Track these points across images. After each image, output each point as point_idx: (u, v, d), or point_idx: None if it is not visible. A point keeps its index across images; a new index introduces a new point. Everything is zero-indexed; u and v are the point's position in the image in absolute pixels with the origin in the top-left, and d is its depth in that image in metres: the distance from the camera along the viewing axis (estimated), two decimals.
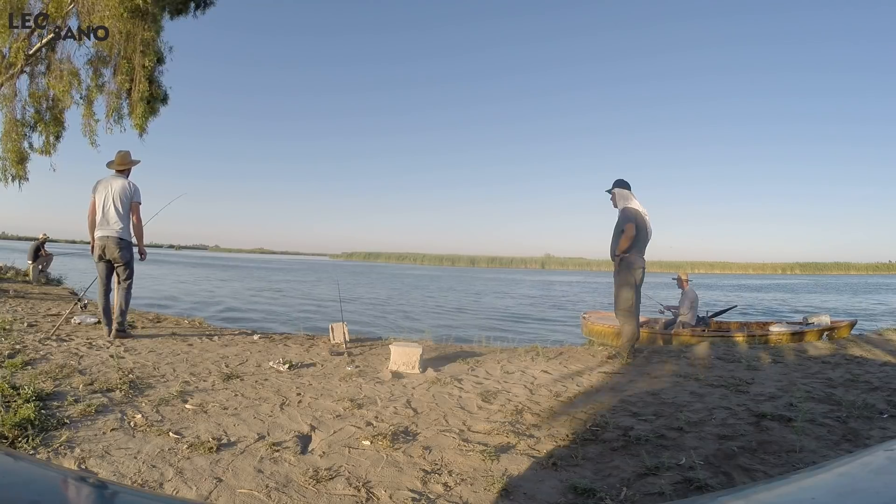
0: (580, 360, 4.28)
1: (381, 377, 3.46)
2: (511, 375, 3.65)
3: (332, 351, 4.34)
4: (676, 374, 3.62)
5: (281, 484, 1.80)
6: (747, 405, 2.73)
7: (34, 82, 9.89)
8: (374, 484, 1.83)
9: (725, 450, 2.10)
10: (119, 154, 4.61)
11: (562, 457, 2.08)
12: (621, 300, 4.26)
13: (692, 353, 4.47)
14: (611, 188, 4.44)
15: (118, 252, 4.38)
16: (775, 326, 6.91)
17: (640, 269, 4.23)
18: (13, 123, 10.06)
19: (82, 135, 9.83)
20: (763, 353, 4.43)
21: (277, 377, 3.35)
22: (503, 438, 2.32)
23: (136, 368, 3.35)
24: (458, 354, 4.40)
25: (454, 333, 6.47)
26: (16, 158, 10.35)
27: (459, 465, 2.03)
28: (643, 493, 1.75)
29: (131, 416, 2.39)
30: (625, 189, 4.35)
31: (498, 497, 1.75)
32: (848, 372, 3.52)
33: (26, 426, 2.09)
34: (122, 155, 4.61)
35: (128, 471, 1.84)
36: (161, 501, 0.72)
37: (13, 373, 2.98)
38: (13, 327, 4.57)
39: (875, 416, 2.51)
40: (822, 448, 2.11)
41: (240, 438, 2.21)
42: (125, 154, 4.62)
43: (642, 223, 4.23)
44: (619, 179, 4.41)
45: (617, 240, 4.22)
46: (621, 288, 4.25)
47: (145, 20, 8.57)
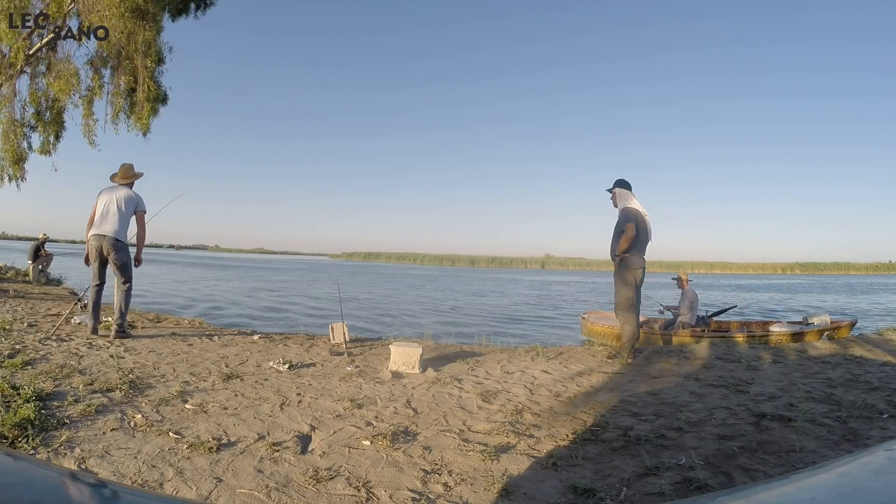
0: (580, 360, 4.28)
1: (381, 377, 3.46)
2: (511, 375, 3.65)
3: (332, 351, 4.34)
4: (676, 374, 3.62)
5: (281, 484, 1.80)
6: (747, 405, 2.73)
7: (34, 82, 9.91)
8: (374, 484, 1.83)
9: (725, 450, 2.10)
10: (123, 166, 4.63)
11: (562, 457, 2.08)
12: (621, 300, 4.26)
13: (692, 353, 4.47)
14: (611, 187, 4.44)
15: (115, 253, 4.37)
16: (775, 326, 6.91)
17: (641, 269, 4.22)
18: (12, 123, 10.06)
19: (82, 135, 9.85)
20: (763, 353, 4.43)
21: (277, 377, 3.35)
22: (503, 438, 2.32)
23: (136, 368, 3.35)
24: (458, 354, 4.40)
25: (453, 331, 6.46)
26: (13, 158, 10.36)
27: (459, 465, 2.03)
28: (643, 493, 1.75)
29: (131, 416, 2.39)
30: (625, 189, 4.35)
31: (498, 497, 1.75)
32: (848, 372, 3.52)
33: (26, 426, 2.09)
34: (126, 167, 4.63)
35: (128, 471, 1.84)
36: (161, 501, 0.72)
37: (13, 373, 2.98)
38: (13, 327, 4.57)
39: (875, 416, 2.51)
40: (822, 448, 2.11)
41: (240, 438, 2.21)
42: (129, 167, 4.64)
43: (642, 223, 4.23)
44: (620, 179, 4.41)
45: (617, 240, 4.22)
46: (621, 288, 4.25)
47: (146, 20, 8.58)
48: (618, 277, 4.28)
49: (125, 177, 4.58)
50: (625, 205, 4.28)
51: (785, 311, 14.15)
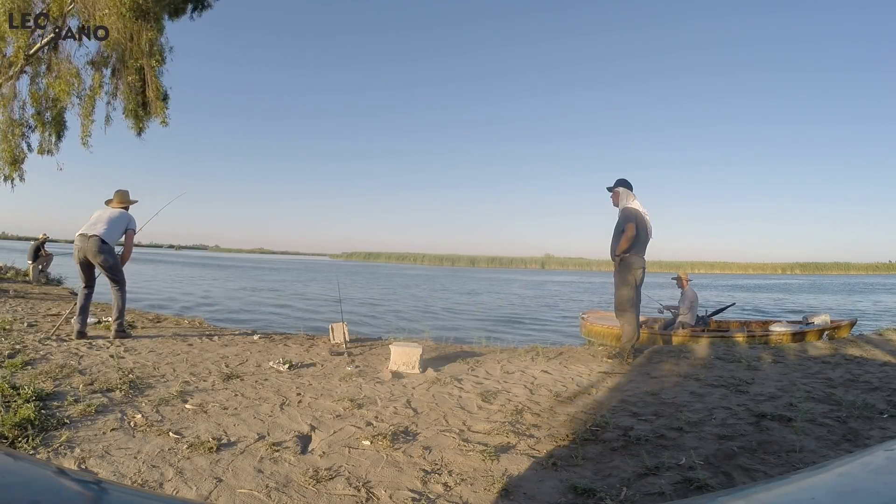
0: (580, 360, 4.28)
1: (381, 377, 3.46)
2: (511, 375, 3.65)
3: (332, 351, 4.34)
4: (676, 374, 3.62)
5: (281, 484, 1.80)
6: (747, 405, 2.73)
7: (35, 82, 9.90)
8: (374, 484, 1.83)
9: (725, 450, 2.10)
10: (118, 192, 4.67)
11: (562, 457, 2.08)
12: (621, 300, 4.26)
13: (692, 353, 4.47)
14: (612, 186, 4.44)
15: (100, 256, 4.27)
16: (775, 326, 6.90)
17: (641, 269, 4.22)
18: (10, 124, 10.06)
19: (81, 135, 9.85)
20: (763, 353, 4.43)
21: (277, 377, 3.35)
22: (503, 438, 2.32)
23: (136, 368, 3.35)
24: (458, 354, 4.40)
25: (451, 334, 6.46)
26: (9, 159, 10.34)
27: (459, 465, 2.03)
28: (643, 493, 1.75)
29: (131, 416, 2.39)
30: (626, 188, 4.35)
31: (498, 497, 1.75)
32: (848, 372, 3.52)
33: (26, 426, 2.10)
34: (122, 193, 4.67)
35: (128, 471, 1.84)
36: (161, 501, 0.72)
37: (13, 373, 2.98)
38: (13, 327, 4.57)
39: (875, 416, 2.51)
40: (822, 448, 2.11)
41: (240, 438, 2.20)
42: (124, 193, 4.69)
43: (643, 223, 4.22)
44: (621, 179, 4.41)
45: (617, 239, 4.22)
46: (621, 287, 4.25)
47: (147, 20, 8.59)
48: (618, 277, 4.28)
49: (121, 202, 4.63)
50: (625, 204, 4.28)
51: (784, 311, 14.15)
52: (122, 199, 4.64)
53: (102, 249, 4.29)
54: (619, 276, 4.28)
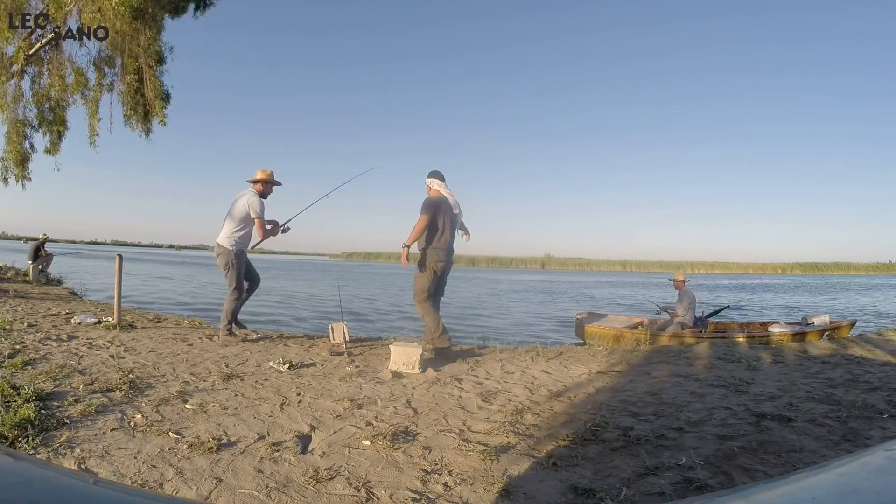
0: (580, 360, 4.28)
1: (381, 377, 3.46)
2: (511, 375, 3.65)
3: (332, 351, 4.33)
4: (676, 374, 3.62)
5: (281, 484, 1.80)
6: (747, 405, 2.73)
7: (37, 82, 9.90)
8: (374, 484, 1.83)
9: (725, 450, 2.10)
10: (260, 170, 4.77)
11: (562, 457, 2.08)
12: (417, 290, 4.28)
13: (692, 353, 4.47)
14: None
15: (217, 259, 4.61)
16: (775, 327, 6.91)
17: (442, 263, 4.25)
18: (14, 124, 10.06)
19: (88, 134, 9.87)
20: (763, 353, 4.43)
21: (277, 377, 3.35)
22: (503, 438, 2.32)
23: (136, 368, 3.35)
24: (458, 354, 4.39)
25: (451, 334, 6.45)
26: (17, 159, 10.36)
27: (459, 465, 2.03)
28: (643, 493, 1.75)
29: (131, 416, 2.39)
30: (435, 178, 4.39)
31: (498, 497, 1.75)
32: (848, 372, 3.52)
33: (26, 426, 2.10)
34: (264, 171, 4.77)
35: (128, 471, 1.84)
36: (161, 501, 0.72)
37: (13, 373, 2.98)
38: (13, 327, 4.57)
39: (875, 416, 2.51)
40: (822, 448, 2.11)
41: (240, 438, 2.20)
42: (268, 172, 4.79)
43: (447, 212, 4.25)
44: (433, 170, 4.44)
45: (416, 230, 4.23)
46: (419, 278, 4.29)
47: (146, 20, 8.59)
48: (417, 268, 4.33)
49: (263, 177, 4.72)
50: (428, 195, 4.34)
51: (784, 312, 14.14)
52: (264, 175, 4.75)
53: (218, 252, 4.64)
54: (418, 268, 4.33)
